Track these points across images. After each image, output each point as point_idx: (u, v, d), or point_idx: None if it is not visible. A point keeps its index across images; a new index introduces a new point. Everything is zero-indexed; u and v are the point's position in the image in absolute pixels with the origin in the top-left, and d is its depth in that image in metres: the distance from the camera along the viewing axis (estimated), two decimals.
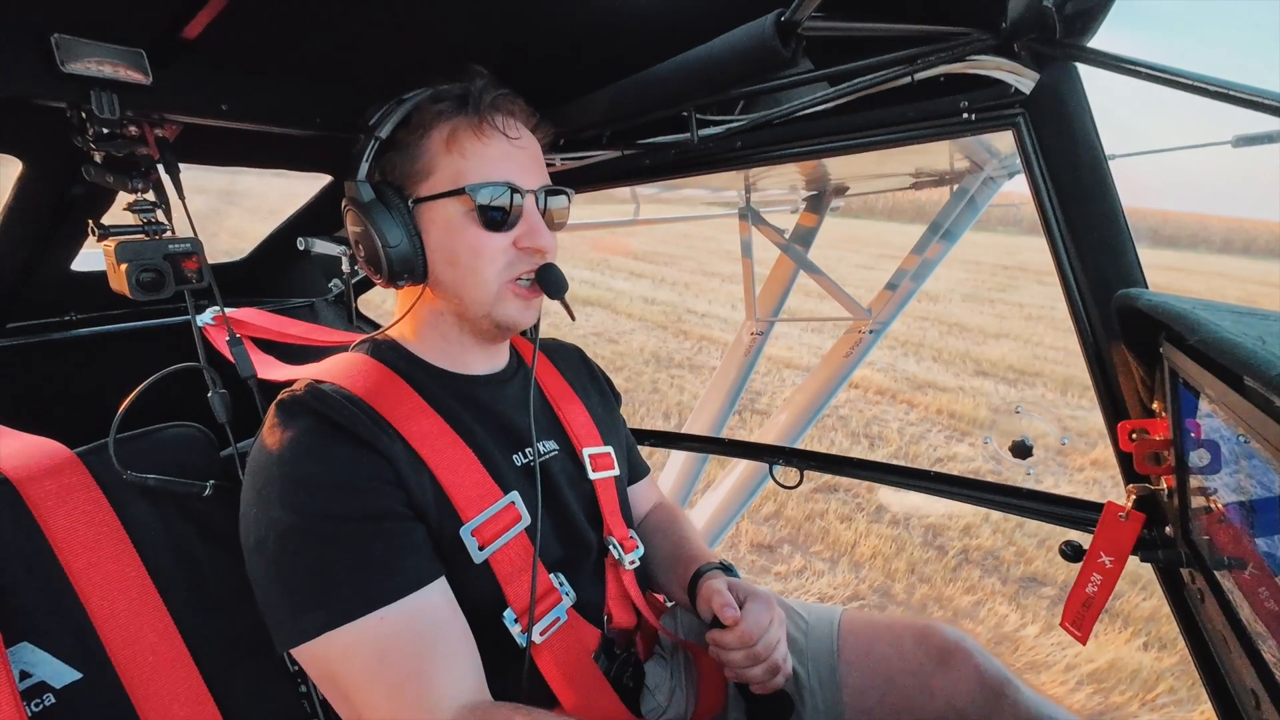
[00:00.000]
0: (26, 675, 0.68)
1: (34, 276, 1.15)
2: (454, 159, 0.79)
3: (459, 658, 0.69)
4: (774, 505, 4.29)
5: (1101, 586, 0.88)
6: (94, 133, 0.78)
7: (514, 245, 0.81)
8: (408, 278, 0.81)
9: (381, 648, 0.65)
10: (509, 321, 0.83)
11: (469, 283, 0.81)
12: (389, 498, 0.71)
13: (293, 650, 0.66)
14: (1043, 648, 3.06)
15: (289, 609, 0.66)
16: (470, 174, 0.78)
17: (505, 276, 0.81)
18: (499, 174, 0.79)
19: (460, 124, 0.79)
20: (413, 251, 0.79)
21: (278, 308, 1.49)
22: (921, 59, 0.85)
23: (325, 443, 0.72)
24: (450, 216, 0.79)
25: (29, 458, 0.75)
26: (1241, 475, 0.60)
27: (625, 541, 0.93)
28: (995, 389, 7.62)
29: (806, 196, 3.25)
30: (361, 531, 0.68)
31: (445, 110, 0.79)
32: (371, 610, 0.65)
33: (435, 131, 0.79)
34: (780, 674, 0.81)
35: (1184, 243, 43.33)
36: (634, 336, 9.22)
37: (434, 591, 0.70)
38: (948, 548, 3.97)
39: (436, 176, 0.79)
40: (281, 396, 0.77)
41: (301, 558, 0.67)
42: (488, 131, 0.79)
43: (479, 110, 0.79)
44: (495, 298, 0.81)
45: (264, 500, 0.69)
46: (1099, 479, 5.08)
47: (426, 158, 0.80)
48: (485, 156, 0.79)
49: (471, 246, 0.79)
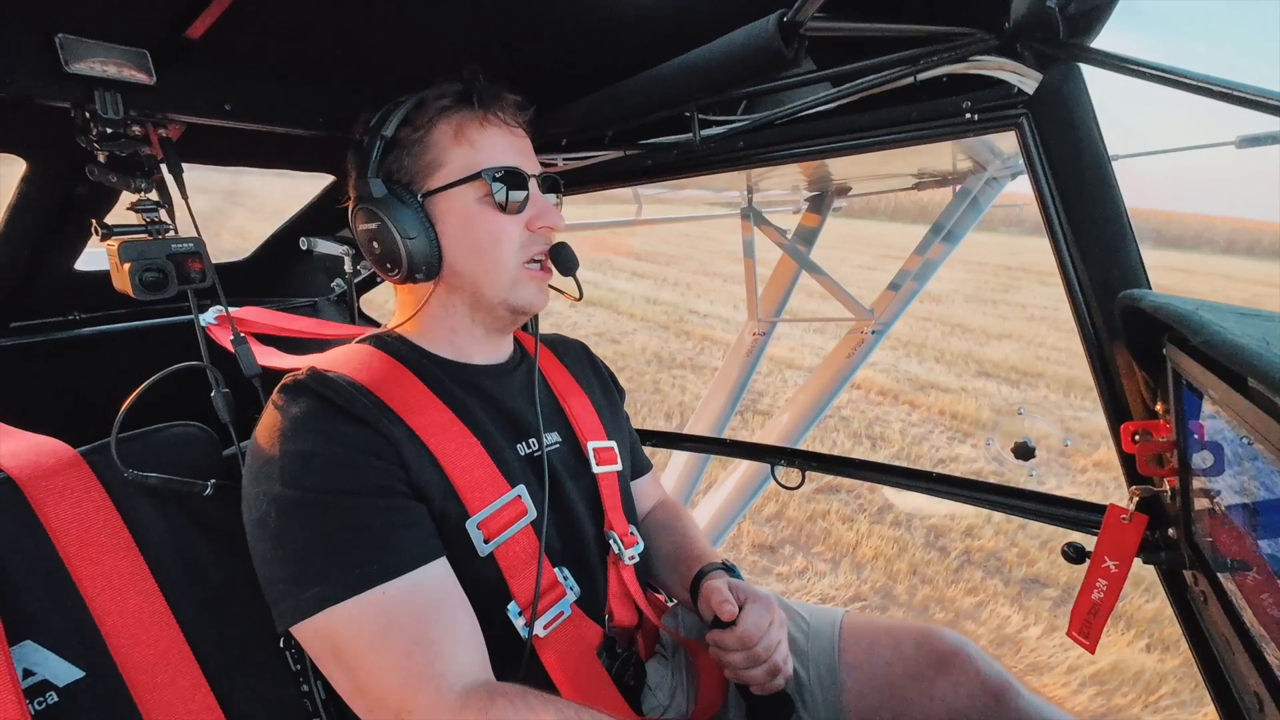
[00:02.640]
0: (30, 674, 0.68)
1: (38, 276, 1.16)
2: (464, 149, 0.82)
3: (465, 634, 0.69)
4: (776, 506, 4.29)
5: (1107, 591, 0.88)
6: (98, 132, 0.78)
7: (526, 228, 0.84)
8: (424, 271, 0.82)
9: (386, 619, 0.65)
10: (524, 304, 0.86)
11: (488, 268, 0.83)
12: (389, 475, 0.72)
13: (294, 628, 0.65)
14: (1045, 649, 3.06)
15: (290, 584, 0.66)
16: (483, 161, 0.82)
17: (521, 258, 0.84)
18: (507, 160, 0.83)
19: (466, 117, 0.83)
20: (429, 243, 0.81)
21: (280, 307, 1.49)
22: (924, 59, 0.85)
23: (325, 420, 0.72)
24: (465, 204, 0.82)
25: (32, 457, 0.75)
26: (1245, 477, 0.60)
27: (625, 537, 0.93)
28: (998, 390, 7.61)
29: (809, 197, 3.25)
30: (362, 505, 0.68)
31: (449, 105, 0.82)
32: (374, 585, 0.65)
33: (441, 125, 0.82)
34: (780, 675, 0.81)
35: (1187, 243, 43.21)
36: (636, 337, 9.23)
37: (436, 569, 0.70)
38: (950, 549, 3.96)
39: (448, 169, 0.82)
40: (284, 380, 0.78)
41: (302, 532, 0.67)
42: (493, 122, 0.84)
43: (483, 103, 0.83)
44: (512, 281, 0.84)
45: (265, 476, 0.69)
46: (1101, 480, 5.07)
47: (435, 151, 0.82)
48: (493, 145, 0.83)
49: (490, 230, 0.82)
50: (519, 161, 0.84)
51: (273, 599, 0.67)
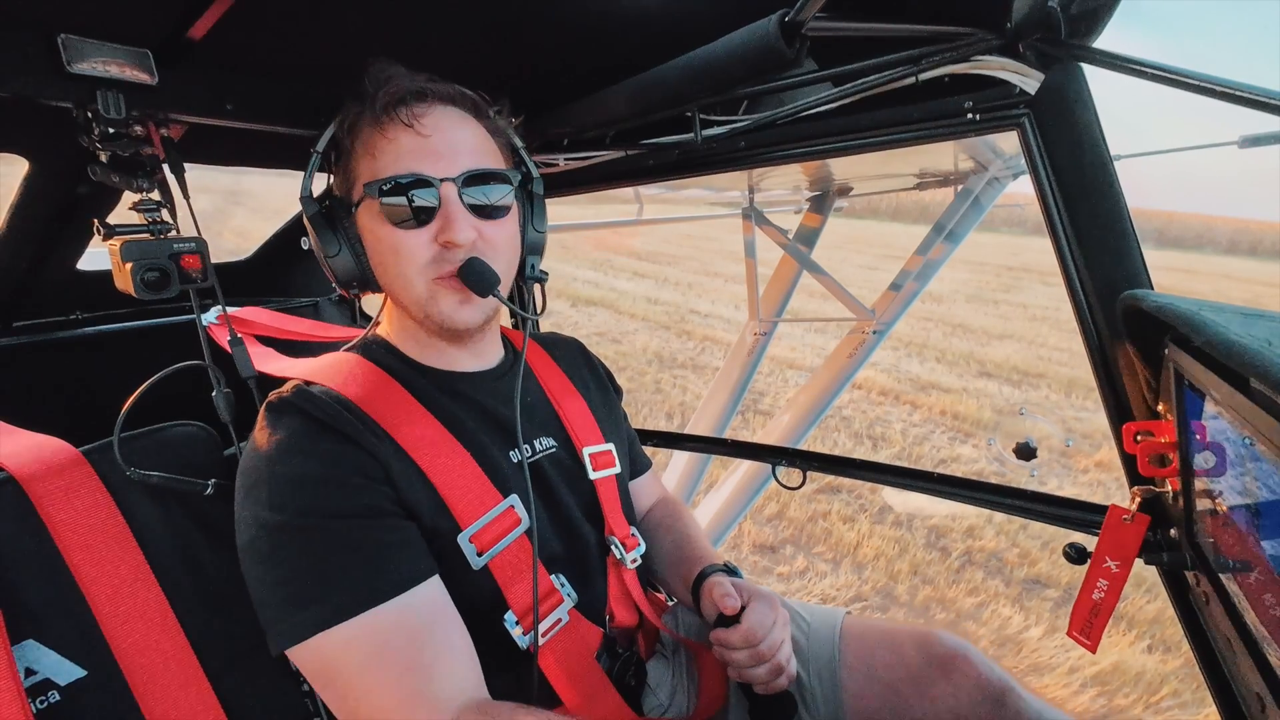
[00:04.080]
0: (32, 672, 0.68)
1: (40, 275, 1.16)
2: (367, 160, 0.77)
3: (458, 654, 0.69)
4: (777, 506, 4.29)
5: (1108, 591, 0.87)
6: (100, 132, 0.78)
7: (434, 241, 0.77)
8: (358, 286, 0.82)
9: (379, 642, 0.65)
10: (446, 320, 0.79)
11: (398, 285, 0.80)
12: (377, 494, 0.71)
13: (288, 651, 0.66)
14: (1046, 650, 3.05)
15: (283, 608, 0.66)
16: (379, 172, 0.76)
17: (429, 274, 0.77)
18: (405, 167, 0.75)
19: (366, 122, 0.77)
20: (354, 260, 0.80)
21: (282, 307, 1.49)
22: (926, 59, 0.85)
23: (312, 440, 0.71)
24: (370, 220, 0.79)
25: (35, 456, 0.75)
26: (1247, 478, 0.60)
27: (627, 540, 0.93)
28: (999, 390, 7.59)
29: (810, 197, 3.25)
30: (351, 527, 0.68)
31: (356, 111, 0.78)
32: (366, 608, 0.65)
33: (355, 135, 0.78)
34: (784, 675, 0.81)
35: (1190, 244, 43.12)
36: (637, 336, 9.22)
37: (428, 588, 0.70)
38: (951, 549, 3.96)
39: (358, 182, 0.78)
40: (270, 398, 0.77)
41: (292, 556, 0.66)
42: (391, 126, 0.76)
43: (378, 107, 0.76)
44: (427, 297, 0.79)
45: (253, 500, 0.69)
46: (1103, 481, 5.06)
47: (352, 163, 0.79)
48: (391, 152, 0.76)
49: (390, 246, 0.77)
50: (421, 166, 0.75)
51: (266, 621, 0.67)
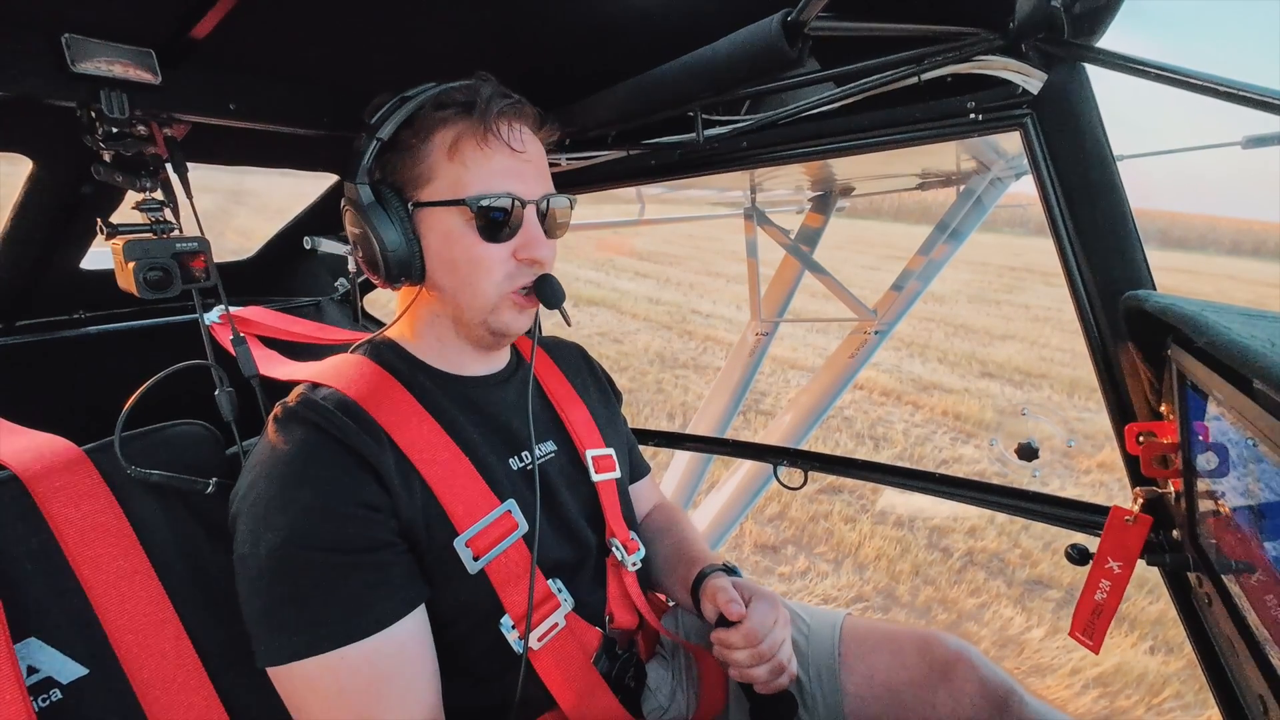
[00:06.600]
0: (34, 670, 0.68)
1: (44, 275, 1.16)
2: (456, 168, 0.77)
3: (417, 703, 0.70)
4: (778, 506, 4.28)
5: (1111, 592, 0.87)
6: (103, 132, 0.78)
7: (513, 256, 0.80)
8: (406, 279, 0.81)
9: (340, 685, 0.66)
10: (504, 329, 0.83)
11: (467, 292, 0.81)
12: (375, 525, 0.71)
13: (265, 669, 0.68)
14: (1048, 651, 3.05)
15: (263, 630, 0.67)
16: (472, 184, 0.77)
17: (504, 289, 0.80)
18: (500, 186, 0.77)
19: (464, 132, 0.77)
20: (410, 254, 0.79)
21: (284, 306, 1.50)
22: (928, 59, 0.85)
23: (315, 463, 0.71)
24: (450, 225, 0.78)
25: (37, 455, 0.75)
26: (1250, 479, 0.60)
27: (628, 543, 0.93)
28: (1001, 391, 7.58)
29: (812, 197, 3.25)
30: (342, 564, 0.68)
31: (450, 116, 0.77)
32: (337, 646, 0.66)
33: (438, 137, 0.78)
34: (785, 675, 0.81)
35: (1193, 244, 43.03)
36: (639, 336, 9.22)
37: (403, 628, 0.70)
38: (952, 550, 3.95)
39: (437, 183, 0.78)
40: (276, 410, 0.77)
41: (279, 582, 0.67)
42: (491, 142, 0.77)
43: (485, 120, 0.77)
44: (493, 307, 0.81)
45: (253, 514, 0.70)
46: (1105, 482, 5.05)
47: (428, 163, 0.78)
48: (488, 168, 0.77)
49: (470, 257, 0.78)
50: (514, 187, 0.78)
51: (249, 634, 0.69)
